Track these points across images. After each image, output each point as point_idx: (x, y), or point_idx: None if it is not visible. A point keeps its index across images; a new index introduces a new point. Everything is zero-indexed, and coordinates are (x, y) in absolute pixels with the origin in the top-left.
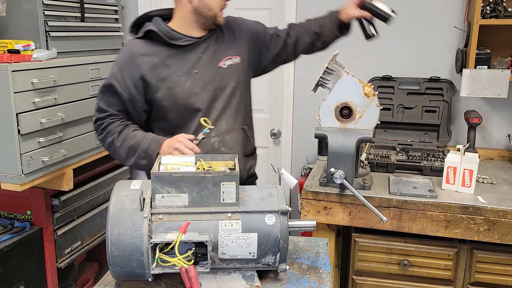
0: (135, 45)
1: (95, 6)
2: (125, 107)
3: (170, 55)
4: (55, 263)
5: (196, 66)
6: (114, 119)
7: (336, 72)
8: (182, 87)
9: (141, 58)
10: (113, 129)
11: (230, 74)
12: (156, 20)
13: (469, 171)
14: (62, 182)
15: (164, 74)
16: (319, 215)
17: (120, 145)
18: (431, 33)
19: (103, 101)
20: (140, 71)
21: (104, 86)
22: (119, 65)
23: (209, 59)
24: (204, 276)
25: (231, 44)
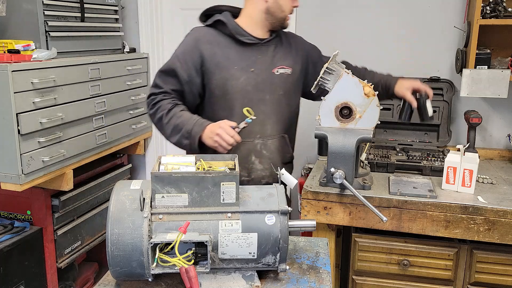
0: (202, 31)
1: (95, 6)
2: (181, 88)
3: (232, 48)
4: (55, 263)
5: (253, 66)
6: (167, 97)
7: (336, 72)
8: (236, 81)
9: (205, 44)
10: (163, 106)
11: (280, 82)
12: (226, 14)
13: (469, 171)
14: (62, 182)
15: (223, 64)
16: (319, 215)
17: (167, 122)
18: (431, 33)
19: (161, 79)
20: (202, 56)
21: (166, 65)
22: (183, 47)
23: (265, 62)
24: (204, 276)
25: (286, 55)
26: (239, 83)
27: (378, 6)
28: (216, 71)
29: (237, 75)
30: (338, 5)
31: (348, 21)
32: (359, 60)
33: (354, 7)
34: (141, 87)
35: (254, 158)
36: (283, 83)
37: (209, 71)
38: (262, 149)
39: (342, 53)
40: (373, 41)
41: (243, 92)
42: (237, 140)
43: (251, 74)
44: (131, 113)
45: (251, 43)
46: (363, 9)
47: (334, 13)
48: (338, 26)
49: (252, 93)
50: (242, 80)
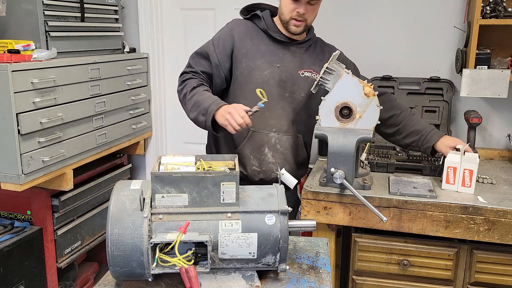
0: (239, 22)
1: (95, 6)
2: (211, 71)
3: (263, 42)
4: (55, 263)
5: (280, 62)
6: (196, 76)
7: (336, 72)
8: (261, 72)
9: (239, 34)
10: (190, 83)
11: (304, 85)
12: (266, 11)
13: (469, 171)
14: (62, 182)
15: (251, 54)
16: (319, 215)
17: (189, 98)
18: (431, 33)
19: (194, 60)
20: (234, 43)
21: (201, 48)
22: (219, 34)
23: (293, 62)
24: (204, 276)
25: (316, 61)
26: (263, 75)
27: (378, 6)
28: (243, 59)
29: (262, 67)
30: (338, 5)
31: (348, 21)
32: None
33: (354, 7)
34: (141, 87)
35: (268, 151)
36: (306, 86)
37: (237, 59)
38: (277, 143)
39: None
40: (373, 41)
41: (265, 85)
42: (247, 122)
43: (276, 69)
44: (131, 113)
45: (282, 41)
46: (363, 9)
47: (334, 14)
48: (338, 26)
49: (273, 87)
50: (267, 73)
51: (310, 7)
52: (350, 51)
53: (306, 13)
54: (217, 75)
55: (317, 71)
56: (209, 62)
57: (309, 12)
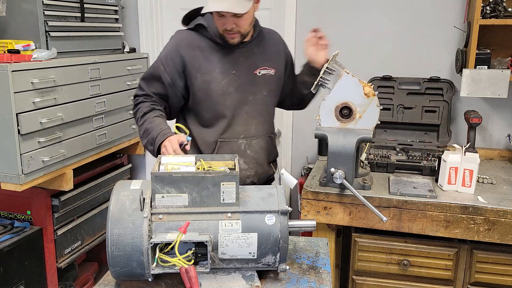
0: (183, 35)
1: (95, 6)
2: (165, 92)
3: (213, 51)
4: (55, 263)
5: (234, 68)
6: (147, 100)
7: (336, 72)
8: (218, 83)
9: (186, 48)
10: (141, 108)
11: (263, 83)
12: (208, 16)
13: (469, 171)
14: (62, 182)
15: (204, 67)
16: (319, 215)
17: (141, 124)
18: (431, 33)
19: (145, 82)
20: (184, 59)
21: (151, 68)
22: (166, 51)
23: (247, 64)
24: (204, 276)
25: (269, 57)
26: (221, 86)
27: (378, 6)
28: (197, 74)
29: (218, 78)
30: (338, 5)
31: (348, 21)
32: (359, 59)
33: (354, 7)
34: None
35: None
36: (266, 83)
37: (191, 75)
38: (247, 149)
39: (342, 53)
40: (373, 41)
41: (225, 94)
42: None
43: (232, 77)
44: (131, 113)
45: (231, 46)
46: (363, 9)
47: (334, 14)
48: (338, 26)
49: (234, 94)
50: (224, 82)
51: (238, 19)
52: (350, 51)
53: (236, 26)
54: (173, 94)
55: (273, 66)
56: (161, 83)
57: (239, 25)
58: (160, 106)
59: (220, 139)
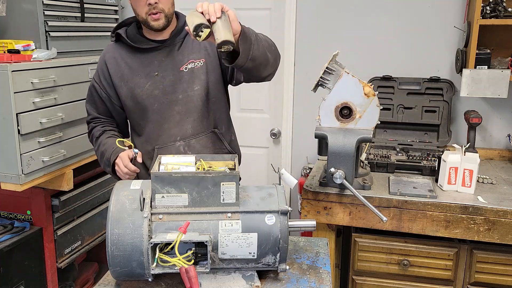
0: (108, 48)
1: (95, 6)
2: (107, 108)
3: (133, 57)
4: (55, 263)
5: (157, 69)
6: (97, 122)
7: (336, 72)
8: (142, 88)
9: (110, 60)
10: (95, 133)
11: (192, 78)
12: (133, 25)
13: (469, 171)
14: (62, 182)
15: (127, 75)
16: (319, 215)
17: (96, 149)
18: (431, 33)
19: (89, 104)
20: (109, 71)
21: (89, 89)
22: (97, 68)
23: (171, 63)
24: (204, 276)
25: (194, 48)
26: (145, 90)
27: (378, 6)
28: (122, 83)
29: (141, 82)
30: (338, 5)
31: (348, 21)
32: (359, 59)
33: (354, 7)
34: None
35: None
36: (195, 78)
37: (117, 85)
38: (186, 150)
39: (342, 53)
40: (373, 41)
41: (151, 98)
42: (132, 170)
43: (156, 78)
44: None
45: (151, 48)
46: (363, 9)
47: (334, 13)
48: (338, 26)
49: (161, 96)
50: (148, 86)
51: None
52: (350, 51)
53: (159, 2)
54: (113, 109)
55: (201, 56)
56: (100, 100)
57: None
58: (111, 126)
59: (157, 146)
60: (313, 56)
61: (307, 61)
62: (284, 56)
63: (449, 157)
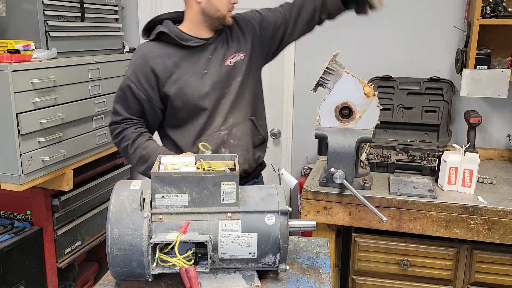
0: (147, 47)
1: (95, 6)
2: (141, 109)
3: (181, 56)
4: (55, 263)
5: (205, 67)
6: (129, 124)
7: (336, 72)
8: (192, 87)
9: (154, 59)
10: (128, 135)
11: (236, 71)
12: (166, 22)
13: (469, 171)
14: (62, 182)
15: (176, 74)
16: (319, 215)
17: (132, 152)
18: (431, 33)
19: (119, 104)
20: (154, 72)
21: (120, 89)
22: (133, 68)
23: (217, 59)
24: (204, 276)
25: (235, 42)
26: (196, 89)
27: None
28: (171, 83)
29: (191, 81)
30: None
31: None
32: (359, 59)
33: None
34: None
35: (224, 150)
36: (238, 70)
37: (164, 85)
38: (229, 138)
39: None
40: (373, 41)
41: (202, 96)
42: None
43: (206, 76)
44: None
45: (198, 46)
46: None
47: None
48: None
49: (211, 93)
50: (198, 84)
51: None
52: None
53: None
54: (150, 110)
55: (241, 49)
56: (137, 102)
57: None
58: (144, 128)
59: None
60: (313, 56)
61: (307, 61)
62: (284, 56)
63: (449, 157)
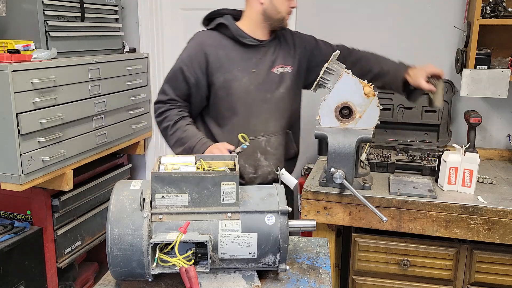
0: (205, 35)
1: (95, 6)
2: (188, 92)
3: (234, 50)
4: (55, 263)
5: (255, 67)
6: (174, 106)
7: (336, 72)
8: (239, 82)
9: (209, 47)
10: (170, 116)
11: (281, 81)
12: (227, 17)
13: (469, 171)
14: (62, 182)
15: (226, 66)
16: (319, 215)
17: (172, 134)
18: (431, 33)
19: (169, 84)
20: (207, 58)
21: (172, 71)
22: (188, 52)
23: (266, 63)
24: (204, 276)
25: (286, 54)
26: (242, 84)
27: (378, 6)
28: (219, 73)
29: (239, 76)
30: (338, 4)
31: (348, 21)
32: None
33: (354, 7)
34: (141, 87)
35: (260, 155)
36: (283, 81)
37: (213, 73)
38: (266, 145)
39: None
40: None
41: (245, 92)
42: None
43: (252, 75)
44: (131, 113)
45: (252, 45)
46: (362, 9)
47: (334, 13)
48: (338, 26)
49: (254, 93)
50: (245, 80)
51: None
52: None
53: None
54: (196, 95)
55: (290, 63)
56: (185, 84)
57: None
58: (187, 112)
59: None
60: None
61: None
62: None
63: (449, 157)
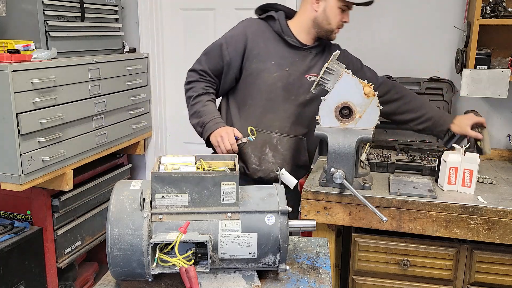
0: (253, 22)
1: (95, 6)
2: (220, 69)
3: (275, 44)
4: (55, 263)
5: (288, 66)
6: (203, 79)
7: (336, 72)
8: (269, 75)
9: (252, 34)
10: (196, 88)
11: (309, 88)
12: (280, 13)
13: (469, 171)
14: (62, 182)
15: (261, 56)
16: (319, 215)
17: (193, 104)
18: (431, 33)
19: (205, 56)
20: (246, 42)
21: (213, 44)
22: (233, 32)
23: (301, 66)
24: (204, 276)
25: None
26: (271, 77)
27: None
28: (254, 60)
29: (272, 69)
30: None
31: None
32: None
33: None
34: (141, 87)
35: (268, 150)
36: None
37: (248, 59)
38: (278, 144)
39: None
40: (373, 41)
41: (272, 87)
42: (234, 150)
43: (284, 73)
44: (131, 113)
45: (293, 45)
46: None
47: None
48: None
49: (279, 89)
50: (275, 75)
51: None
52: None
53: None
54: (227, 73)
55: None
56: (220, 60)
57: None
58: (213, 89)
59: (256, 128)
60: None
61: None
62: None
63: (449, 157)
